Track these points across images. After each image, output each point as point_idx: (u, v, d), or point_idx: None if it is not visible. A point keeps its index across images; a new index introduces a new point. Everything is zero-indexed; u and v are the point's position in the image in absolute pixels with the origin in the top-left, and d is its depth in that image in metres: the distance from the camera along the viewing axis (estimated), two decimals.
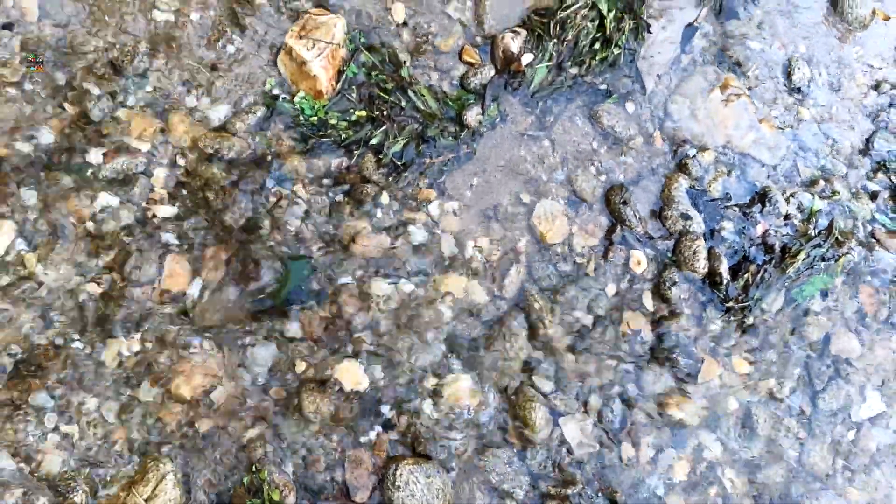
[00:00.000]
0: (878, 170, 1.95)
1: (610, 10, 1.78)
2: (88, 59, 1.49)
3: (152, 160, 1.46)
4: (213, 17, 1.59)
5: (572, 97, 1.78)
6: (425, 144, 1.63)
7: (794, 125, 1.93)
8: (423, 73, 1.71)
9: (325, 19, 1.60)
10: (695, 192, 1.78)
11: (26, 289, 1.35)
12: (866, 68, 2.06)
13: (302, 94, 1.58)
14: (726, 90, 1.89)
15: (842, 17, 2.06)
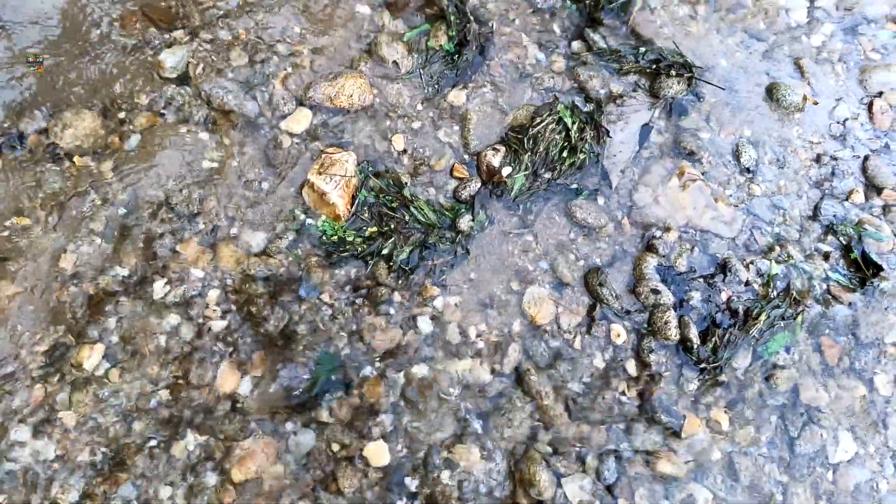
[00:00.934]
0: (827, 232, 2.21)
1: (573, 123, 2.14)
2: (153, 206, 1.88)
3: (206, 284, 1.81)
4: (248, 162, 1.98)
5: (549, 197, 2.11)
6: (427, 250, 1.96)
7: (747, 201, 2.22)
8: (422, 190, 2.06)
9: (339, 156, 1.98)
10: (663, 268, 2.06)
11: (111, 398, 1.67)
12: (807, 144, 2.36)
13: (324, 218, 1.93)
14: (683, 177, 2.20)
15: (778, 104, 2.38)
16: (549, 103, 2.21)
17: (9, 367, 1.64)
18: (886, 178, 2.31)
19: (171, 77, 2.01)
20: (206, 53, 2.07)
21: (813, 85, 2.46)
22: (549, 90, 2.28)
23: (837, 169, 2.33)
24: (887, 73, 2.52)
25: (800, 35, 2.56)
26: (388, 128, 2.12)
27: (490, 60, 2.28)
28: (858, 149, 2.37)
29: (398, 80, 2.18)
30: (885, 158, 2.36)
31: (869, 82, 2.50)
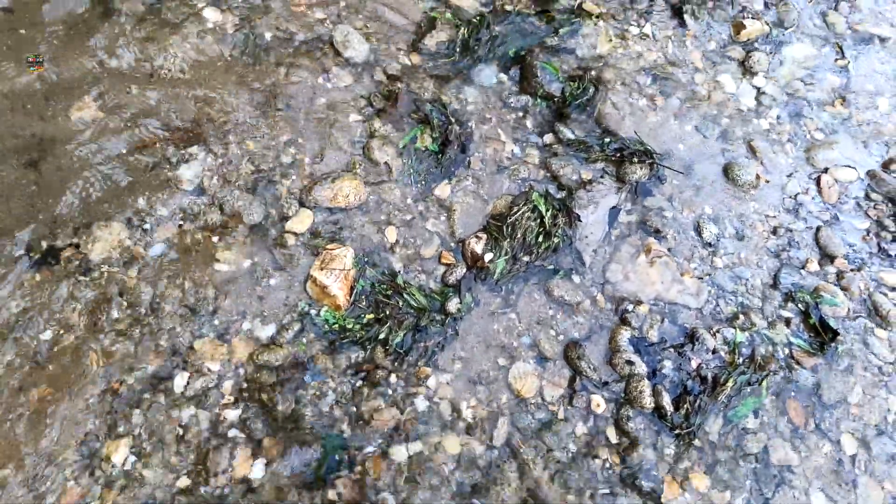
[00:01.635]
0: (787, 300, 2.41)
1: (547, 210, 2.38)
2: (173, 305, 2.09)
3: (221, 376, 2.00)
4: (258, 261, 2.21)
5: (528, 278, 2.33)
6: (420, 333, 2.16)
7: (710, 273, 2.44)
8: (414, 277, 2.28)
9: (338, 251, 2.22)
10: (636, 339, 2.25)
11: (135, 489, 1.83)
12: (763, 218, 2.60)
13: (326, 308, 2.15)
14: (650, 253, 2.43)
15: (734, 182, 2.64)
16: (525, 192, 2.47)
17: (45, 468, 1.81)
18: (837, 248, 2.53)
19: (189, 189, 2.27)
20: (218, 166, 2.34)
21: (765, 163, 2.72)
22: (524, 180, 2.54)
23: (793, 240, 2.55)
24: (830, 151, 2.79)
25: (750, 118, 2.85)
26: (382, 221, 2.36)
27: (471, 156, 2.55)
28: (811, 221, 2.61)
29: (390, 180, 2.44)
30: (835, 229, 2.59)
31: (815, 159, 2.76)
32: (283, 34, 2.73)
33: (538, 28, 2.87)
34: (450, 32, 2.80)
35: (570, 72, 2.78)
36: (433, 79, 2.72)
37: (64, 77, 2.41)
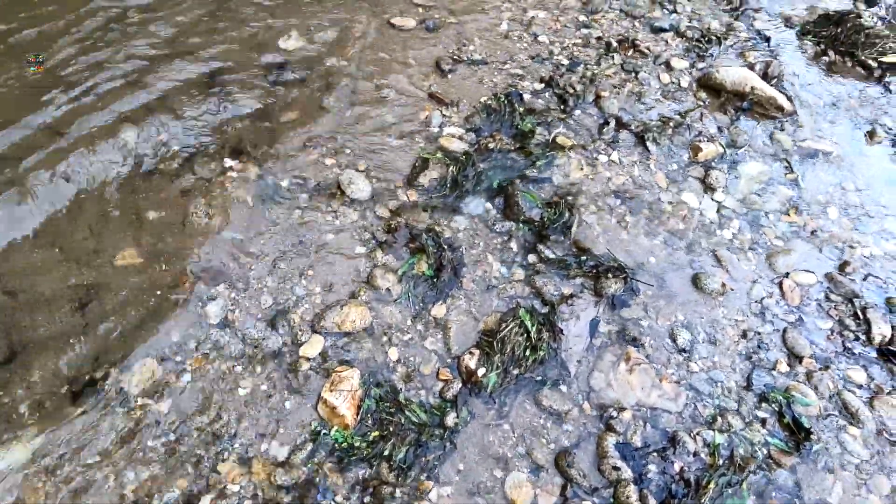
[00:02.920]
0: (761, 400, 2.60)
1: (533, 325, 2.65)
2: (199, 430, 2.33)
3: (242, 497, 2.19)
4: (273, 385, 2.47)
5: (519, 390, 2.55)
6: (421, 447, 2.36)
7: (687, 377, 2.65)
8: (414, 394, 2.52)
9: (346, 373, 2.47)
10: (621, 445, 2.43)
11: None
12: (733, 323, 2.84)
13: (336, 428, 2.37)
14: (629, 361, 2.66)
15: (703, 291, 2.91)
16: (513, 309, 2.75)
17: None
18: (804, 348, 2.75)
19: (215, 323, 2.58)
20: (241, 301, 2.67)
21: (730, 271, 3.01)
22: (512, 297, 2.83)
23: (762, 342, 2.78)
24: (789, 256, 3.08)
25: (714, 230, 3.18)
26: (385, 343, 2.64)
27: (463, 278, 2.87)
28: (777, 323, 2.85)
29: (391, 304, 2.74)
30: (800, 330, 2.82)
31: (776, 265, 3.05)
32: (299, 180, 3.16)
33: (518, 162, 3.30)
34: (441, 170, 3.23)
35: (547, 198, 3.16)
36: (428, 211, 3.10)
37: (110, 229, 2.81)
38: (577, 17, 4.30)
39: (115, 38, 3.67)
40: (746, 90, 3.73)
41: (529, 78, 3.82)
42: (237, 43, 3.78)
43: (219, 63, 3.66)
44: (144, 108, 3.35)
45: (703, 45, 4.12)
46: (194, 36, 3.77)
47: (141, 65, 3.54)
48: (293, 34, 3.93)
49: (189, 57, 3.65)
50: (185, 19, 3.86)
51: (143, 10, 3.89)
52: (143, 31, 3.74)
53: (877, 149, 3.67)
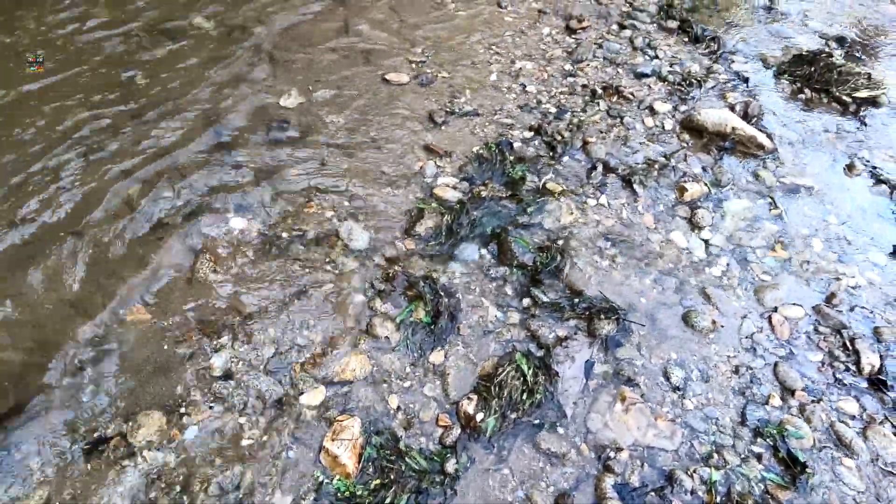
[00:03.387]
0: (756, 435, 2.64)
1: (529, 369, 2.72)
2: (204, 484, 2.38)
3: None
4: (277, 437, 2.53)
5: (517, 434, 2.61)
6: (421, 495, 2.40)
7: (682, 415, 2.70)
8: (415, 441, 2.58)
9: (347, 422, 2.54)
10: (619, 485, 2.46)
11: None
12: (725, 359, 2.90)
13: (338, 477, 2.42)
14: (625, 401, 2.71)
15: (694, 328, 2.99)
16: (509, 353, 2.83)
17: None
18: (795, 381, 2.80)
19: (219, 375, 2.67)
20: (243, 352, 2.76)
21: (720, 308, 3.09)
22: (508, 341, 2.91)
23: (754, 377, 2.84)
24: (777, 291, 3.17)
25: (702, 268, 3.27)
26: (385, 391, 2.71)
27: (460, 324, 2.95)
28: (768, 357, 2.91)
29: (390, 351, 2.83)
30: (791, 363, 2.88)
31: (765, 300, 3.13)
32: (298, 232, 3.29)
33: (510, 209, 3.43)
34: (436, 219, 3.35)
35: (539, 243, 3.27)
36: (425, 259, 3.21)
37: (121, 289, 2.93)
38: (563, 66, 4.50)
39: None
40: (727, 130, 3.88)
41: (519, 127, 3.99)
42: (239, 100, 3.98)
43: (223, 121, 3.84)
44: (152, 166, 3.51)
45: (684, 89, 4.30)
46: (200, 94, 3.97)
47: (149, 125, 3.73)
48: (293, 92, 4.13)
49: (195, 114, 3.83)
50: (189, 76, 4.07)
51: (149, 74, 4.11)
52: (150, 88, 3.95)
53: (856, 181, 3.79)
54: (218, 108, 3.88)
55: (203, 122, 3.78)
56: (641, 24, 4.84)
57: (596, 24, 4.82)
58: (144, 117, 3.78)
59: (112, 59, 4.12)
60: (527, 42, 4.62)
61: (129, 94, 3.92)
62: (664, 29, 4.82)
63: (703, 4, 5.04)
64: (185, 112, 3.83)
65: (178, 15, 4.54)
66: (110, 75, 4.01)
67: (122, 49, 4.19)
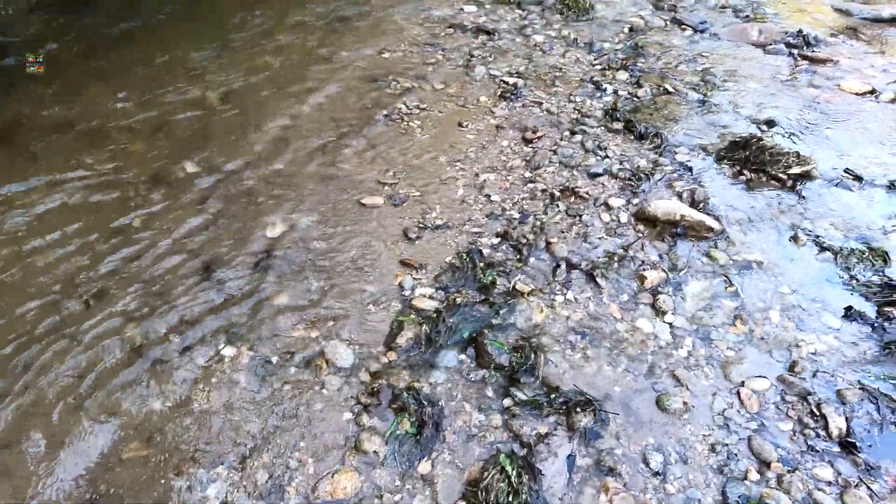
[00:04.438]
0: None
1: (513, 470, 2.84)
2: None
3: None
4: None
5: None
6: None
7: (665, 500, 2.78)
8: None
9: None
10: None
11: None
12: (700, 438, 3.03)
13: None
14: (609, 492, 2.80)
15: (667, 411, 3.13)
16: (494, 455, 2.95)
17: None
18: (770, 453, 2.92)
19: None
20: (238, 480, 2.87)
21: (690, 389, 3.25)
22: (492, 444, 3.03)
23: (730, 453, 2.95)
24: (742, 365, 3.35)
25: (670, 351, 3.47)
26: None
27: (444, 431, 3.09)
28: (741, 432, 3.04)
29: (379, 466, 2.94)
30: (764, 435, 3.01)
31: (731, 375, 3.30)
32: (286, 355, 3.50)
33: (484, 312, 3.67)
34: (415, 329, 3.58)
35: (514, 343, 3.48)
36: (407, 369, 3.40)
37: (117, 421, 3.09)
38: (523, 174, 4.94)
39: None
40: (677, 218, 4.23)
41: (487, 234, 4.33)
42: (228, 235, 4.32)
43: (214, 257, 4.16)
44: (145, 302, 3.77)
45: (634, 183, 4.71)
46: (192, 233, 4.32)
47: (141, 261, 4.04)
48: (278, 222, 4.50)
49: (184, 251, 4.16)
50: (183, 216, 4.44)
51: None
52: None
53: (802, 250, 4.09)
54: (209, 246, 4.21)
55: (196, 260, 4.10)
56: (590, 129, 5.35)
57: (549, 132, 5.34)
58: (141, 259, 4.09)
59: (108, 207, 4.51)
60: (488, 156, 5.09)
61: (126, 240, 4.26)
62: (611, 130, 5.33)
63: (644, 105, 5.60)
64: (179, 252, 4.16)
65: (170, 163, 5.01)
66: (108, 220, 4.38)
67: (117, 197, 4.60)
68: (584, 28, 6.93)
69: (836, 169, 4.81)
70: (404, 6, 7.28)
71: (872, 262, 3.96)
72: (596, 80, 6.03)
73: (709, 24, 6.92)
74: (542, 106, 5.68)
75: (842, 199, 4.53)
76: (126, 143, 5.14)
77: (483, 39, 6.74)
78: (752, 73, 6.15)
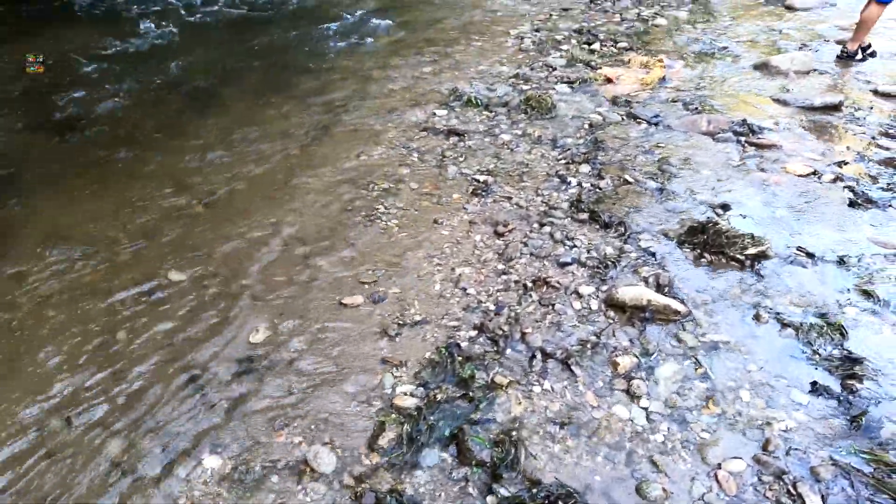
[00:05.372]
0: None
1: None
2: None
3: None
4: None
5: None
6: None
7: None
8: None
9: None
10: None
11: None
12: None
13: None
14: None
15: (647, 499, 3.17)
16: None
17: None
18: None
19: None
20: None
21: (669, 474, 3.31)
22: None
23: None
24: (717, 447, 3.43)
25: (647, 436, 3.55)
26: None
27: None
28: None
29: None
30: None
31: (708, 458, 3.38)
32: (269, 463, 3.50)
33: (464, 408, 3.75)
34: (397, 429, 3.63)
35: (495, 438, 3.54)
36: (390, 471, 3.42)
37: None
38: (497, 266, 5.18)
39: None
40: (644, 303, 4.44)
41: (465, 327, 4.48)
42: (211, 343, 4.41)
43: (194, 363, 4.22)
44: (126, 415, 3.79)
45: (602, 270, 4.95)
46: (175, 344, 4.40)
47: (124, 373, 4.08)
48: (260, 327, 4.61)
49: (166, 360, 4.22)
50: (167, 325, 4.54)
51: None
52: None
53: (765, 328, 4.29)
54: (193, 355, 4.29)
55: (179, 369, 4.16)
56: (558, 220, 5.67)
57: (519, 225, 5.64)
58: (125, 374, 4.15)
59: (93, 319, 4.61)
60: (462, 250, 5.34)
61: (110, 355, 4.33)
62: (577, 221, 5.66)
63: (607, 195, 5.98)
64: (161, 362, 4.23)
65: (154, 270, 5.17)
66: (91, 334, 4.46)
67: (104, 309, 4.71)
68: (547, 126, 7.47)
69: (790, 247, 5.12)
70: (380, 113, 7.82)
71: (831, 337, 4.16)
72: (561, 173, 6.45)
73: (662, 117, 7.50)
74: (511, 201, 6.03)
75: (797, 276, 4.80)
76: (111, 251, 5.31)
77: (454, 140, 7.21)
78: (705, 160, 6.63)
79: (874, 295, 4.54)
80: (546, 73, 9.06)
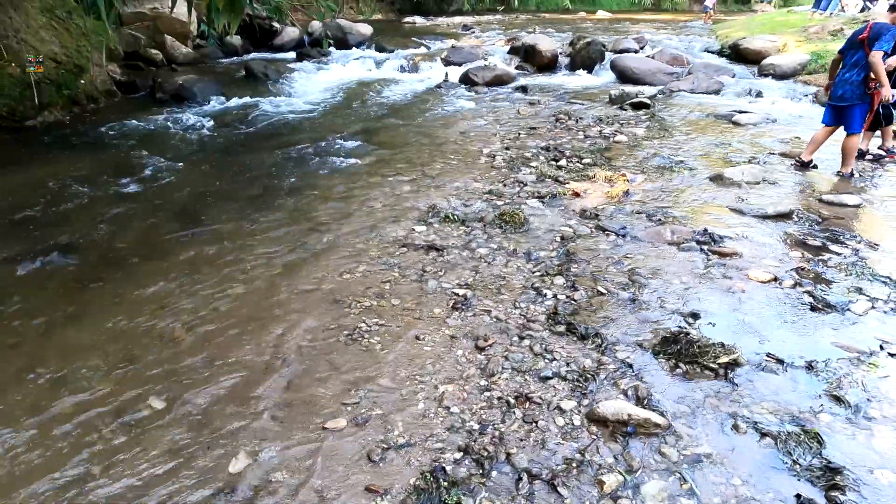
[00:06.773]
0: None
1: None
2: None
3: None
4: None
5: None
6: None
7: None
8: None
9: None
10: None
11: None
12: None
13: None
14: None
15: None
16: None
17: None
18: None
19: None
20: None
21: None
22: None
23: None
24: None
25: None
26: None
27: None
28: None
29: None
30: None
31: None
32: None
33: None
34: None
35: None
36: None
37: None
38: (479, 382, 5.24)
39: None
40: (625, 418, 4.51)
41: (449, 449, 4.46)
42: (190, 475, 4.30)
43: (173, 501, 4.08)
44: None
45: (582, 384, 5.05)
46: (151, 476, 4.27)
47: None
48: (240, 455, 4.52)
49: (144, 496, 4.08)
50: (150, 464, 4.41)
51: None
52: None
53: (745, 438, 4.36)
54: (172, 491, 4.16)
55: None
56: (536, 333, 5.84)
57: (499, 339, 5.78)
58: None
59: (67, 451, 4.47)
60: (444, 367, 5.42)
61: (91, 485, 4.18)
62: (555, 333, 5.83)
63: (581, 307, 6.21)
64: (138, 498, 4.09)
65: (135, 399, 5.10)
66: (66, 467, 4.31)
67: (85, 439, 4.59)
68: (521, 239, 7.86)
69: (759, 354, 5.32)
70: (361, 231, 8.17)
71: (809, 445, 4.24)
72: (536, 286, 6.71)
73: (628, 229, 7.97)
74: (490, 314, 6.22)
75: (769, 382, 4.96)
76: (91, 380, 5.26)
77: (433, 256, 7.52)
78: (672, 269, 6.99)
79: (844, 400, 4.69)
80: (518, 188, 9.67)
